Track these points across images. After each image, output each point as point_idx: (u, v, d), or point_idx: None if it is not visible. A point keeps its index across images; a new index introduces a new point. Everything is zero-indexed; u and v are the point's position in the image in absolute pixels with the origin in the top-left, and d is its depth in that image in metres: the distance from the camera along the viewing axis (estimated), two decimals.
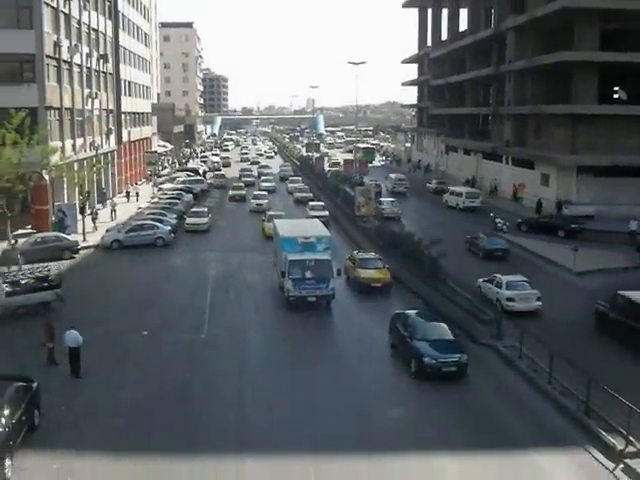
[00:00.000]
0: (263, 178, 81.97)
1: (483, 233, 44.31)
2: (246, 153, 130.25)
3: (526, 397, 22.71)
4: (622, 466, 18.13)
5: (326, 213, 53.26)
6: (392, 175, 78.59)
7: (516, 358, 25.29)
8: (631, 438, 18.61)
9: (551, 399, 22.22)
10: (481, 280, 34.20)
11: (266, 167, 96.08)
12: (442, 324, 26.16)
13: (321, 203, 58.08)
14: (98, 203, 58.78)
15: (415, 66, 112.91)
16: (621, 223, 47.02)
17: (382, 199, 60.00)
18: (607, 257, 41.63)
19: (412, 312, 27.33)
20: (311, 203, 58.29)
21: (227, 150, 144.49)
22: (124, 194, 67.53)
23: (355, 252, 38.92)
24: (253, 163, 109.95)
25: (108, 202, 57.93)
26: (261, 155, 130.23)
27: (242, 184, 75.38)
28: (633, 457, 18.26)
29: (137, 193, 68.39)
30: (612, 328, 28.25)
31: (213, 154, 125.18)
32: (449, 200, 64.44)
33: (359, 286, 35.10)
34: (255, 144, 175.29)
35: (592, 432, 19.73)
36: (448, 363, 23.79)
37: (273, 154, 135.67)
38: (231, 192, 70.40)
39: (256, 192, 66.80)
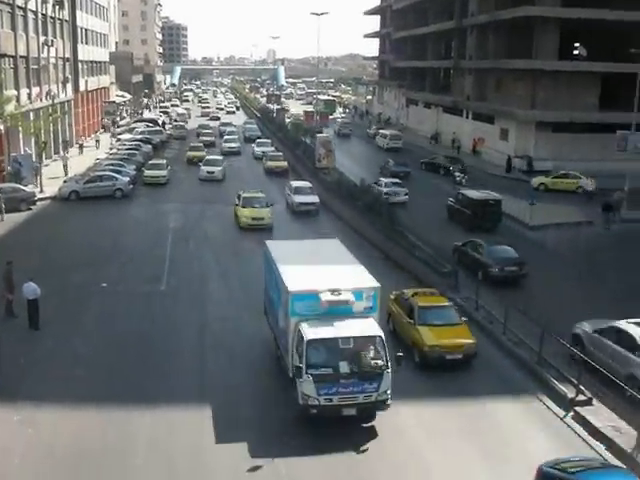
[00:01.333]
0: (226, 137, 71.73)
1: (391, 160, 57.04)
2: (207, 107, 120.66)
3: (481, 347, 23.23)
4: (572, 414, 18.79)
5: (316, 199, 42.38)
6: (338, 119, 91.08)
7: (472, 309, 25.82)
8: (581, 387, 19.24)
9: (505, 349, 22.82)
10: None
11: (229, 125, 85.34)
12: None
13: (308, 184, 44.56)
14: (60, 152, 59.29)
15: (377, 18, 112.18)
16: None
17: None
18: (564, 212, 42.40)
19: None
20: (294, 183, 44.69)
21: (187, 101, 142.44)
22: (78, 146, 65.47)
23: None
24: (213, 118, 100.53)
25: (60, 155, 55.24)
26: (221, 109, 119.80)
27: (201, 144, 66.44)
28: (583, 405, 18.90)
29: (97, 141, 69.96)
30: (456, 216, 39.73)
31: (172, 105, 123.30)
32: (378, 141, 74.94)
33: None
34: (215, 96, 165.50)
35: (544, 381, 20.37)
36: None
37: (235, 109, 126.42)
38: (189, 153, 61.56)
39: (209, 157, 57.72)
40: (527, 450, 17.08)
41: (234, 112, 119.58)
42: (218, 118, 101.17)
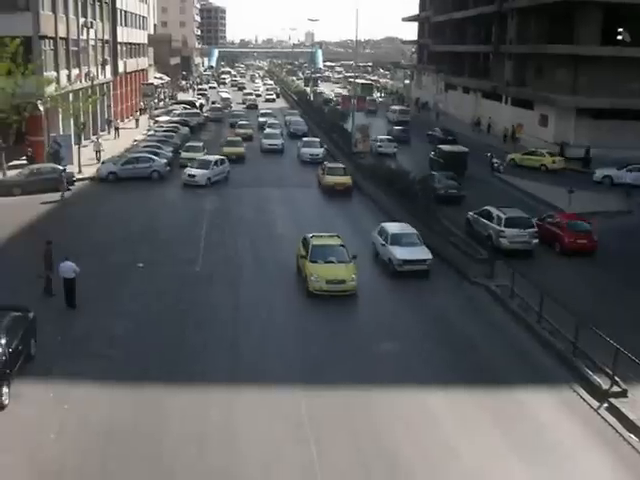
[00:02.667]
0: (267, 132, 61.75)
1: (395, 128, 66.27)
2: (249, 93, 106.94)
3: (515, 335, 23.08)
4: (606, 405, 18.57)
5: (426, 256, 28.46)
6: (394, 107, 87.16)
7: (507, 297, 25.60)
8: (616, 378, 19.00)
9: (540, 338, 22.59)
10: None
11: (269, 115, 75.67)
12: None
13: (419, 244, 29.13)
14: (102, 131, 61.23)
15: (417, 1, 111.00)
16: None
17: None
18: (602, 200, 41.70)
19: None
20: (393, 230, 29.93)
21: (224, 84, 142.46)
22: (113, 129, 64.58)
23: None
24: (249, 107, 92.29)
25: (91, 142, 53.02)
26: (259, 96, 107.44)
27: (238, 138, 58.40)
28: (618, 396, 18.68)
29: (137, 120, 72.15)
30: (435, 166, 47.89)
31: (210, 87, 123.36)
32: (389, 116, 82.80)
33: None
34: (253, 81, 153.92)
35: (579, 371, 20.14)
36: None
37: (274, 96, 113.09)
38: (226, 149, 52.89)
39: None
40: (559, 441, 16.95)
41: (274, 99, 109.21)
42: (255, 106, 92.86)
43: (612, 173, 47.18)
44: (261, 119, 73.52)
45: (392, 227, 30.17)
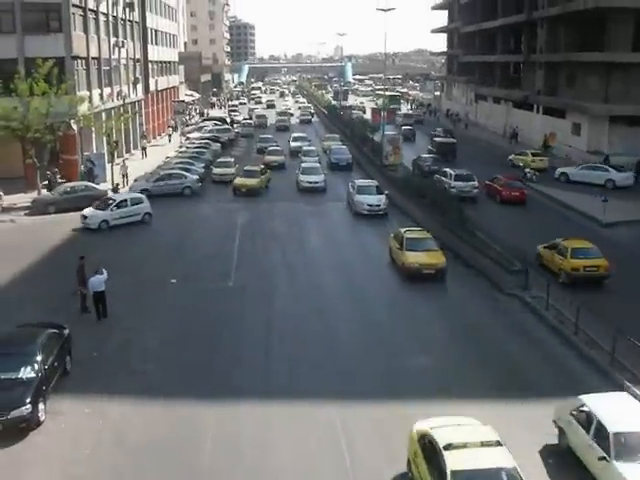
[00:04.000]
0: (305, 166, 48.95)
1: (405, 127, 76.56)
2: (283, 113, 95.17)
3: (552, 347, 22.74)
4: None
5: None
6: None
7: (542, 308, 25.27)
8: None
9: (577, 349, 22.21)
10: None
11: (303, 140, 64.42)
12: None
13: None
14: (134, 149, 62.71)
15: (445, 12, 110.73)
16: None
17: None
18: (637, 209, 41.09)
19: None
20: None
21: (260, 102, 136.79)
22: (141, 149, 63.49)
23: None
24: (280, 128, 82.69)
25: (117, 164, 49.51)
26: (291, 115, 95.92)
27: (257, 168, 48.87)
28: None
29: (169, 135, 75.09)
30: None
31: (241, 103, 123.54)
32: (396, 120, 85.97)
33: None
34: (283, 97, 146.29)
35: (617, 383, 19.73)
36: None
37: (310, 116, 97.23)
38: (238, 181, 46.35)
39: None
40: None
41: (310, 121, 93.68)
42: (287, 128, 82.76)
43: (568, 171, 50.71)
44: (293, 144, 63.37)
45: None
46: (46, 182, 44.37)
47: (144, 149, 63.52)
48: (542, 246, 31.02)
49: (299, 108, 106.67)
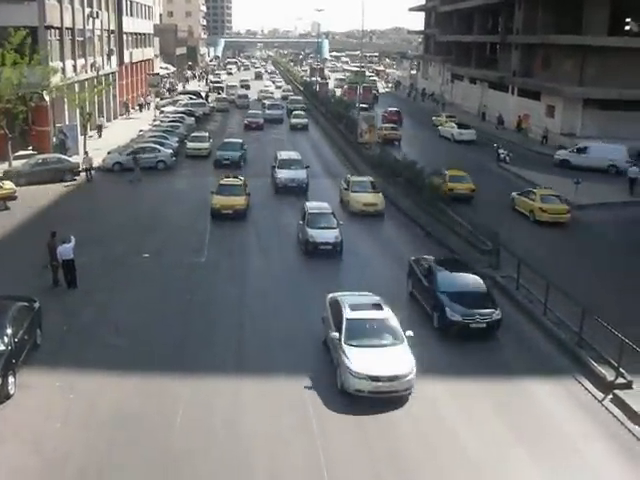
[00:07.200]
0: (310, 213, 30.60)
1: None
2: (265, 93, 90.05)
3: (520, 326, 23.04)
4: (611, 397, 18.51)
5: None
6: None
7: (513, 288, 25.56)
8: (621, 370, 18.95)
9: (545, 329, 22.54)
10: None
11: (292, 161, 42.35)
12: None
13: None
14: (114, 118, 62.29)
15: None
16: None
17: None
18: (607, 191, 41.60)
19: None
20: None
21: (230, 74, 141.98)
22: (95, 129, 57.24)
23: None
24: (253, 126, 65.27)
25: (84, 157, 43.90)
26: (272, 96, 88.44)
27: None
28: (623, 388, 18.63)
29: (140, 105, 75.62)
30: None
31: (216, 75, 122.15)
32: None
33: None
34: (260, 77, 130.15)
35: (583, 363, 20.08)
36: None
37: (305, 120, 68.29)
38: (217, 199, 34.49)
39: None
40: (563, 431, 16.96)
41: (306, 125, 67.29)
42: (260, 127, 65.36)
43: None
44: (281, 154, 43.48)
45: None
46: (31, 148, 44.07)
47: (99, 127, 57.89)
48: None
49: (285, 98, 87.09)
